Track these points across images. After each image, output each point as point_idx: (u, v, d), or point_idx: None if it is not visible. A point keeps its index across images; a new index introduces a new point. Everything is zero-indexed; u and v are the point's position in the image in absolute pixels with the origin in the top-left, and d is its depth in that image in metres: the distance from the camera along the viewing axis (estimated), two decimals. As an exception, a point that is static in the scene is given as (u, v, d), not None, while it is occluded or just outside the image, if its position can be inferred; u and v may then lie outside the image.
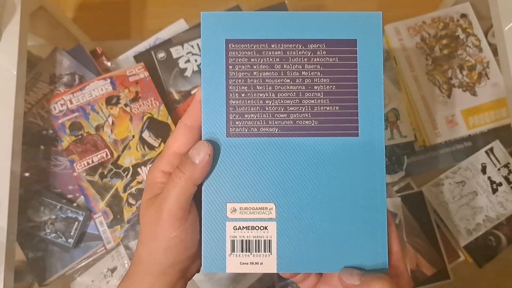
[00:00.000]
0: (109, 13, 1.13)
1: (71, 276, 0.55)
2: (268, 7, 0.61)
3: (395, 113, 0.58)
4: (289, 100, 0.29)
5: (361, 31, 0.30)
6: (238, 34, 0.29)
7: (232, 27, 0.29)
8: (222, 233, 0.30)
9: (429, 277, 0.55)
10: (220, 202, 0.29)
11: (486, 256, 0.56)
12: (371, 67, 0.30)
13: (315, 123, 0.30)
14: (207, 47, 0.29)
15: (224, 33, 0.29)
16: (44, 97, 0.57)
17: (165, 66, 0.59)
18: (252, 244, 0.30)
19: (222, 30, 0.29)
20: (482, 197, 0.57)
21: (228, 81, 0.29)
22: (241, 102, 0.29)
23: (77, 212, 0.53)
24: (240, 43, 0.29)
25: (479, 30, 0.59)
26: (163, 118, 0.55)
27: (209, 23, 0.29)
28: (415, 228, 0.56)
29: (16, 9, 0.48)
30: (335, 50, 0.30)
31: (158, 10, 1.13)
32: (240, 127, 0.29)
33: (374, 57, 0.30)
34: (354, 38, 0.30)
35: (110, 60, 0.62)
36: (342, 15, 0.30)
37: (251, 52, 0.29)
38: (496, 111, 0.57)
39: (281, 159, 0.30)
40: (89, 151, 0.54)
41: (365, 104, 0.30)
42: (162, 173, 0.30)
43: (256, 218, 0.30)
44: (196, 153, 0.28)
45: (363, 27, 0.30)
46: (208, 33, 0.29)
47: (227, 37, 0.29)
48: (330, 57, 0.29)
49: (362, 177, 0.30)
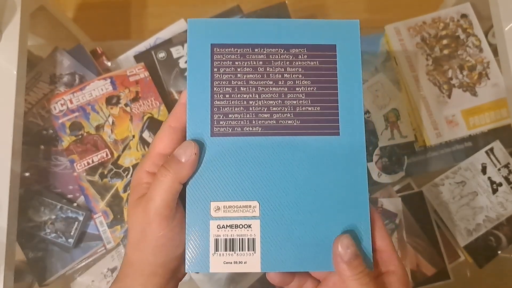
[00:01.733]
0: (109, 13, 1.13)
1: (71, 276, 0.55)
2: (268, 7, 0.61)
3: (395, 113, 0.58)
4: (272, 101, 0.30)
5: (340, 37, 0.31)
6: (223, 39, 0.31)
7: (218, 32, 0.31)
8: (206, 232, 0.30)
9: (429, 277, 0.55)
10: (204, 201, 0.30)
11: (486, 256, 0.56)
12: (350, 70, 0.31)
13: (297, 122, 0.30)
14: (193, 51, 0.30)
15: (209, 38, 0.31)
16: (44, 97, 0.57)
17: (166, 66, 0.59)
18: (236, 243, 0.30)
19: (208, 35, 0.31)
20: (482, 197, 0.57)
21: (213, 83, 0.30)
22: (226, 103, 0.30)
23: (77, 212, 0.53)
24: (224, 47, 0.30)
25: (480, 30, 0.59)
26: (163, 118, 0.55)
27: (196, 29, 0.31)
28: (415, 228, 0.56)
29: (16, 9, 0.48)
30: (316, 54, 0.31)
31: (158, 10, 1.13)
32: (224, 126, 0.30)
33: (353, 61, 0.31)
34: (333, 44, 0.31)
35: (110, 60, 0.62)
36: (323, 23, 0.32)
37: (235, 56, 0.30)
38: (497, 112, 0.57)
39: (264, 157, 0.30)
40: (89, 151, 0.54)
41: (345, 104, 0.31)
42: (147, 174, 0.30)
43: (240, 217, 0.30)
44: (182, 152, 0.28)
45: (342, 34, 0.31)
46: (194, 38, 0.31)
47: (212, 42, 0.30)
48: (311, 60, 0.31)
49: (343, 175, 0.30)
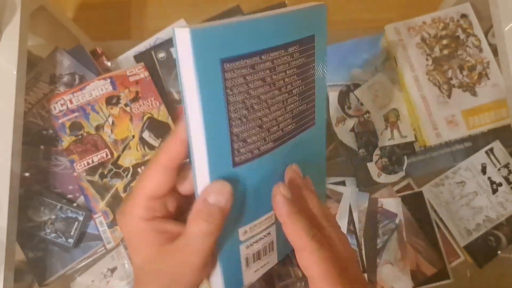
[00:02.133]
0: (109, 13, 1.13)
1: (71, 276, 0.55)
2: (268, 7, 0.61)
3: (395, 113, 0.58)
4: (278, 111, 0.28)
5: (315, 25, 0.29)
6: (231, 51, 0.24)
7: (225, 43, 0.24)
8: (237, 256, 0.30)
9: (429, 277, 0.55)
10: (232, 230, 0.29)
11: (486, 256, 0.56)
12: (321, 59, 0.30)
13: (294, 125, 0.30)
14: (202, 73, 0.23)
15: (217, 52, 0.24)
16: (44, 97, 0.57)
17: (165, 66, 0.59)
18: (261, 252, 0.31)
19: (215, 48, 0.24)
20: (482, 197, 0.57)
21: (229, 108, 0.25)
22: (243, 128, 0.26)
23: (77, 212, 0.53)
24: (234, 60, 0.25)
25: (479, 30, 0.59)
26: (163, 118, 0.55)
27: (202, 43, 0.23)
28: (415, 228, 0.56)
29: (16, 9, 0.48)
30: (304, 49, 0.29)
31: (158, 10, 1.13)
32: (244, 153, 0.27)
33: (322, 48, 0.30)
34: (312, 34, 0.29)
35: (110, 60, 0.62)
36: (305, 11, 0.28)
37: (245, 70, 0.25)
38: (496, 112, 0.57)
39: (275, 168, 0.30)
40: (89, 151, 0.54)
41: (318, 94, 0.31)
42: (144, 221, 0.27)
43: (263, 230, 0.31)
44: (221, 198, 0.25)
45: (316, 21, 0.30)
46: (201, 56, 0.23)
47: (221, 56, 0.24)
48: (301, 57, 0.29)
49: (316, 156, 0.34)
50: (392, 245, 0.55)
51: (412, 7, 1.09)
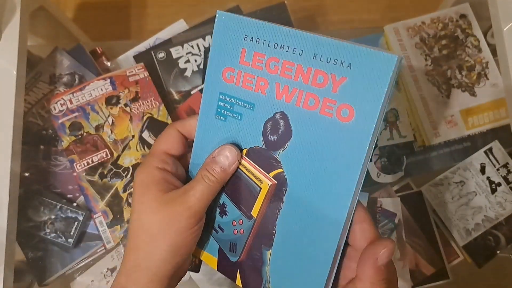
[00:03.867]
0: (109, 13, 1.13)
1: (71, 276, 0.55)
2: (268, 7, 0.61)
3: (394, 113, 0.58)
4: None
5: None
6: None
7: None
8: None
9: (428, 277, 0.55)
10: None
11: (485, 256, 0.56)
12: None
13: None
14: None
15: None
16: (44, 97, 0.57)
17: (165, 66, 0.59)
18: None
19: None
20: (481, 197, 0.57)
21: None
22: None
23: (77, 212, 0.53)
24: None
25: (478, 30, 0.59)
26: (163, 118, 0.55)
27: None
28: (414, 228, 0.57)
29: (16, 9, 0.48)
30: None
31: (158, 10, 1.13)
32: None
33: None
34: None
35: (110, 60, 0.62)
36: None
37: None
38: (495, 112, 0.57)
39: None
40: (89, 151, 0.54)
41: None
42: (159, 171, 0.30)
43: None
44: (228, 161, 0.30)
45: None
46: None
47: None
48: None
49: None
50: (392, 244, 0.55)
51: (411, 8, 1.09)
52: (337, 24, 1.07)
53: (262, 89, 0.29)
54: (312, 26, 1.04)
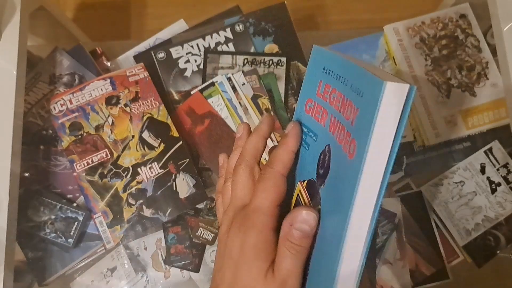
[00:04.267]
0: (109, 13, 1.13)
1: (71, 276, 0.55)
2: (268, 7, 0.61)
3: (394, 113, 0.58)
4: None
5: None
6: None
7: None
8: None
9: (428, 277, 0.55)
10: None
11: (485, 256, 0.56)
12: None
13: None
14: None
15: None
16: (44, 97, 0.57)
17: (165, 66, 0.59)
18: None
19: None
20: (481, 197, 0.57)
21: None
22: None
23: (77, 212, 0.53)
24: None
25: (478, 30, 0.59)
26: (163, 118, 0.55)
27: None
28: (414, 228, 0.57)
29: (16, 9, 0.48)
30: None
31: (158, 11, 1.13)
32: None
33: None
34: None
35: (110, 60, 0.62)
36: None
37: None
38: (495, 112, 0.57)
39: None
40: (89, 151, 0.54)
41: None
42: (274, 233, 0.27)
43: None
44: (306, 225, 0.26)
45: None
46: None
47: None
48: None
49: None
50: (391, 244, 0.55)
51: (411, 7, 1.09)
52: (337, 24, 1.07)
53: (323, 120, 0.27)
54: (312, 26, 1.04)
